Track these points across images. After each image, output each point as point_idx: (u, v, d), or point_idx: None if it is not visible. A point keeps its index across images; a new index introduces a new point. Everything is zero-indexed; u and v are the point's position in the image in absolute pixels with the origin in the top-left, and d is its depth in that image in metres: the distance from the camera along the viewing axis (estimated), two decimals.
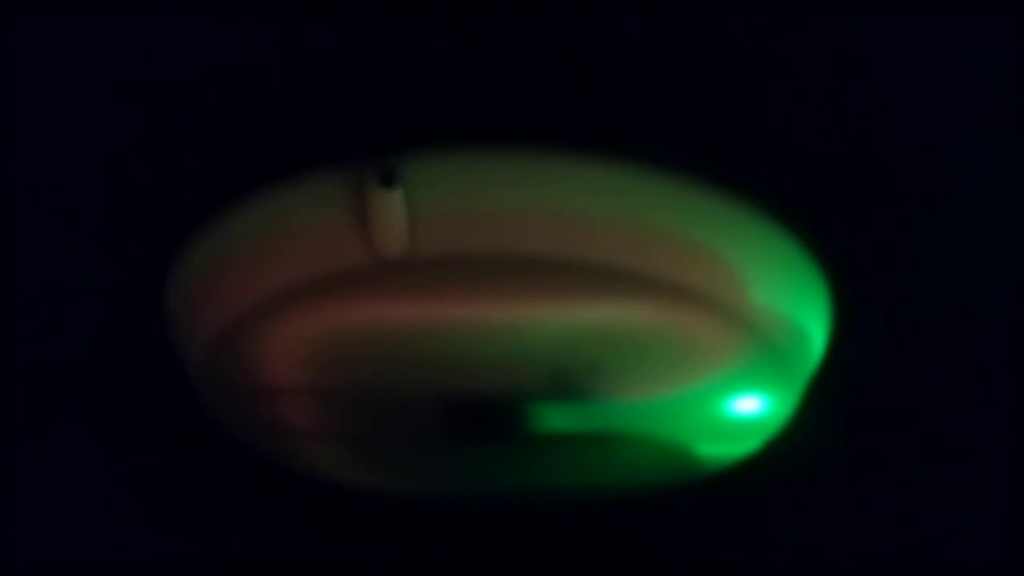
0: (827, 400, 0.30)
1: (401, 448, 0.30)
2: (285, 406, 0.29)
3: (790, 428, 0.30)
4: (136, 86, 0.24)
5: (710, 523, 0.37)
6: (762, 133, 0.25)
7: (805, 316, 0.27)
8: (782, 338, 0.27)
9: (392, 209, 0.23)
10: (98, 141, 0.26)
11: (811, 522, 0.36)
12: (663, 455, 0.30)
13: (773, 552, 0.37)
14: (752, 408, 0.28)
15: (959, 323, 0.30)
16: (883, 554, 0.37)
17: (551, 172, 0.24)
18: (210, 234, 0.26)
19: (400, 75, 0.24)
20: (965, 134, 0.25)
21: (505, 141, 0.24)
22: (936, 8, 0.23)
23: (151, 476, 0.36)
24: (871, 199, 0.27)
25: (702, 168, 0.25)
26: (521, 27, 0.23)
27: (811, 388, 0.29)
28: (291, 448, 0.31)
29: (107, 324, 0.31)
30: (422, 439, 0.29)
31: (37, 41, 0.23)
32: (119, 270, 0.29)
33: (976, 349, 0.31)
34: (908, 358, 0.31)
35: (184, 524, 0.38)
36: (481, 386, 0.27)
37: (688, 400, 0.28)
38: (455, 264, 0.24)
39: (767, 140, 0.25)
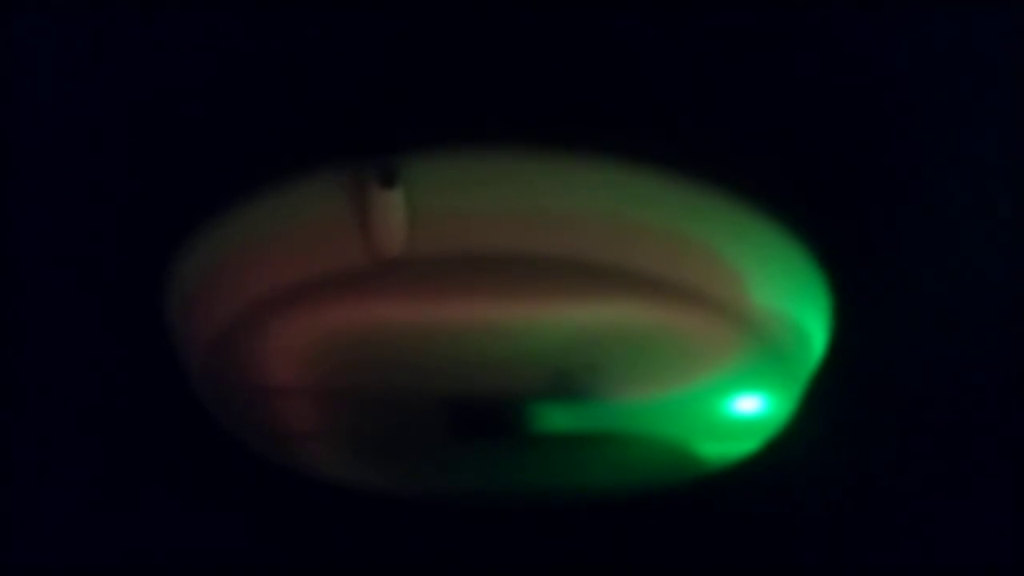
0: (827, 399, 0.30)
1: (400, 448, 0.30)
2: (284, 406, 0.29)
3: (790, 428, 0.30)
4: (136, 85, 0.24)
5: (710, 523, 0.37)
6: (762, 132, 0.25)
7: (805, 315, 0.27)
8: (782, 337, 0.27)
9: (392, 209, 0.23)
10: (98, 140, 0.26)
11: (811, 522, 0.36)
12: (663, 455, 0.30)
13: (773, 552, 0.37)
14: (752, 408, 0.28)
15: (959, 322, 0.30)
16: (883, 555, 0.37)
17: (551, 172, 0.24)
18: (209, 234, 0.26)
19: (400, 75, 0.24)
20: (967, 133, 0.25)
21: (505, 141, 0.24)
22: (936, 6, 0.23)
23: (150, 476, 0.36)
24: (871, 198, 0.27)
25: (702, 168, 0.25)
26: (522, 27, 0.23)
27: (811, 387, 0.29)
28: (291, 448, 0.31)
29: (106, 324, 0.31)
30: (421, 439, 0.29)
31: (37, 40, 0.23)
32: (118, 270, 0.29)
33: (977, 348, 0.31)
34: (908, 357, 0.31)
35: (184, 524, 0.38)
36: (481, 386, 0.27)
37: (688, 400, 0.28)
38: (455, 264, 0.24)
39: (767, 140, 0.25)
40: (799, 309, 0.27)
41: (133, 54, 0.24)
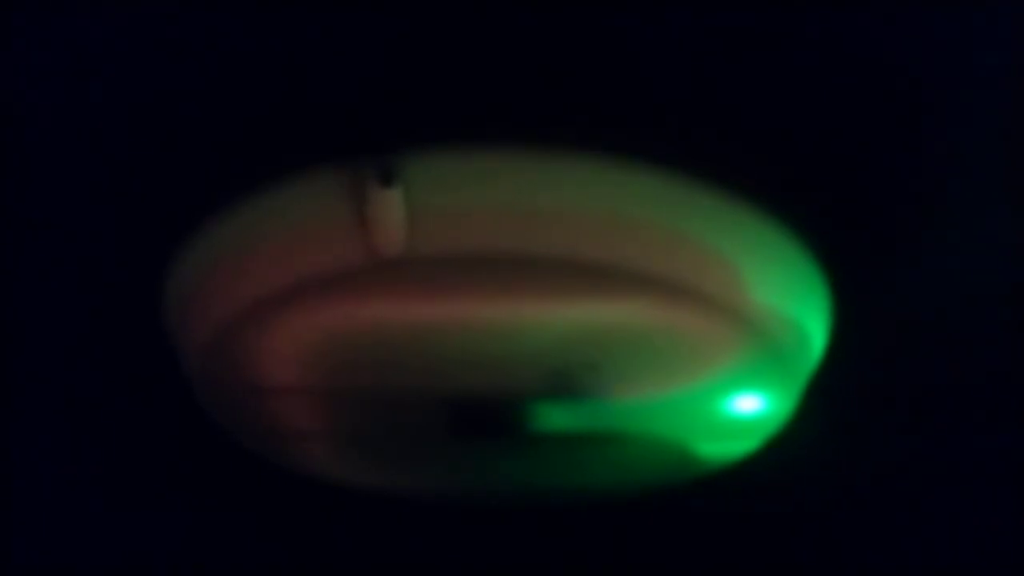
0: (827, 398, 0.30)
1: (400, 448, 0.30)
2: (283, 406, 0.29)
3: (790, 427, 0.30)
4: (136, 85, 0.24)
5: (710, 522, 0.37)
6: (762, 132, 0.25)
7: (805, 314, 0.27)
8: (782, 337, 0.27)
9: (391, 208, 0.23)
10: (97, 140, 0.26)
11: (811, 521, 0.36)
12: (663, 454, 0.30)
13: (772, 551, 0.37)
14: (752, 407, 0.28)
15: (959, 321, 0.30)
16: (883, 555, 0.37)
17: (550, 172, 0.24)
18: (209, 233, 0.26)
19: (400, 75, 0.24)
20: (967, 133, 0.25)
21: (504, 140, 0.24)
22: (936, 6, 0.23)
23: (150, 476, 0.36)
24: (871, 197, 0.27)
25: (702, 167, 0.25)
26: (522, 27, 0.23)
27: (811, 387, 0.29)
28: (290, 448, 0.31)
29: (106, 324, 0.31)
30: (421, 439, 0.29)
31: (37, 40, 0.23)
32: (117, 270, 0.29)
33: (977, 347, 0.31)
34: (908, 356, 0.31)
35: (183, 524, 0.38)
36: (481, 386, 0.27)
37: (688, 399, 0.28)
38: (454, 263, 0.24)
39: (767, 139, 0.25)
40: (799, 308, 0.27)
41: (133, 54, 0.24)
